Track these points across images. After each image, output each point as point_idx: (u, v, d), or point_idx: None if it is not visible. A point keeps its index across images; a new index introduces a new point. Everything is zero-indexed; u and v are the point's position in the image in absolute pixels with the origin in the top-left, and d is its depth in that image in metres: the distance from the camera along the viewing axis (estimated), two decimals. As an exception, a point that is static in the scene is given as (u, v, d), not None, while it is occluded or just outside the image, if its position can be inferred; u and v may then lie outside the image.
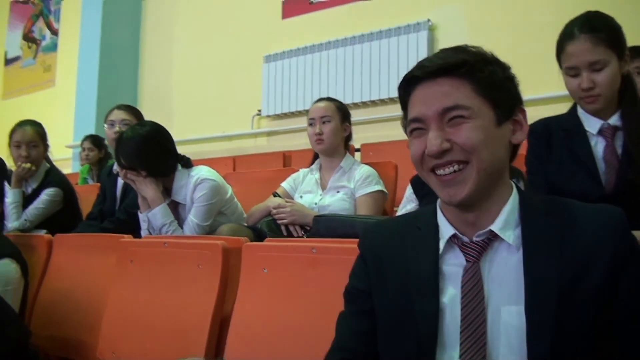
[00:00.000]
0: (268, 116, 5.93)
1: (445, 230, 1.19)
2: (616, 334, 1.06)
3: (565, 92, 2.04)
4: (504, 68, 1.16)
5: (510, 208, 1.15)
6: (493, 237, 1.13)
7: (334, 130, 2.95)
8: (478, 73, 1.11)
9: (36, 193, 3.48)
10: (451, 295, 1.14)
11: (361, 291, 1.26)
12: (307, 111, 3.08)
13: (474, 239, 1.15)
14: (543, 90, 3.98)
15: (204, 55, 6.54)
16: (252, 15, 6.20)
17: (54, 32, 8.44)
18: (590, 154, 2.00)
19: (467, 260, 1.14)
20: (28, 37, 8.84)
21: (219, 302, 1.98)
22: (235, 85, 6.22)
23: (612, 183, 1.94)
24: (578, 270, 1.06)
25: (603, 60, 1.88)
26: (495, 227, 1.13)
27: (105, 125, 3.45)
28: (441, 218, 1.21)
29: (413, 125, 1.15)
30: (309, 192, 3.00)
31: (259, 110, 5.97)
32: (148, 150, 2.72)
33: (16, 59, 9.00)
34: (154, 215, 2.73)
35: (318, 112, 2.97)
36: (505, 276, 1.11)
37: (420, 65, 1.15)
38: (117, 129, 3.31)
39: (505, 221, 1.13)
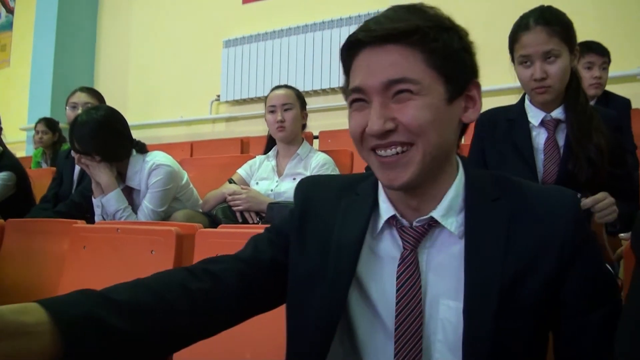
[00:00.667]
0: (227, 102, 5.90)
1: (385, 209, 1.09)
2: (560, 335, 1.03)
3: (516, 84, 2.10)
4: (460, 35, 1.02)
5: (454, 193, 1.05)
6: (434, 223, 1.04)
7: (295, 117, 2.97)
8: (432, 42, 0.97)
9: None
10: (385, 281, 1.07)
11: (280, 231, 1.18)
12: (266, 97, 3.08)
13: (414, 224, 1.05)
14: (494, 81, 4.04)
15: (162, 38, 6.47)
16: (212, -1, 6.15)
17: (9, 11, 8.21)
18: (529, 144, 2.07)
19: (404, 248, 1.06)
20: (-18, 16, 8.60)
21: (171, 288, 1.97)
22: (193, 70, 6.17)
23: (553, 174, 2.01)
24: (525, 262, 0.99)
25: (556, 51, 1.94)
26: (436, 213, 1.03)
27: (67, 108, 3.40)
28: (382, 195, 1.11)
29: (354, 96, 1.02)
30: (265, 178, 3.01)
31: (218, 96, 5.94)
32: (103, 135, 2.70)
33: (-31, 37, 8.76)
34: (107, 201, 2.72)
35: (279, 100, 2.98)
36: (446, 266, 1.04)
37: (366, 28, 1.00)
38: (79, 111, 3.26)
39: (448, 207, 1.04)
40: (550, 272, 0.99)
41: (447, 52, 0.98)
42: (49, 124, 5.38)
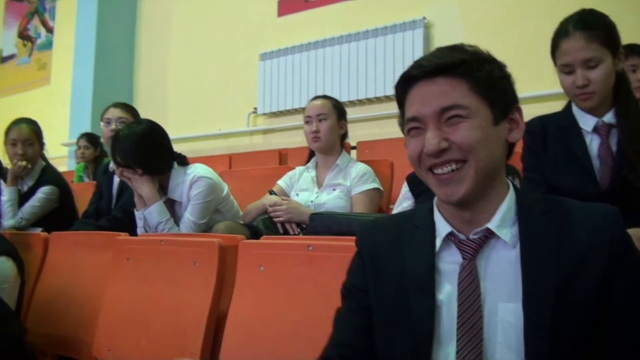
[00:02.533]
0: (264, 114, 5.92)
1: (442, 228, 1.19)
2: (612, 333, 1.07)
3: (560, 89, 2.05)
4: (500, 67, 1.16)
5: (507, 206, 1.15)
6: (489, 234, 1.14)
7: (331, 128, 2.96)
8: (475, 72, 1.11)
9: (32, 191, 3.50)
10: (447, 292, 1.14)
11: (359, 288, 1.25)
12: (303, 109, 3.09)
13: (471, 236, 1.15)
14: (538, 87, 3.99)
15: (199, 53, 6.54)
16: (247, 13, 6.19)
17: (49, 30, 8.41)
18: (586, 151, 2.00)
19: (463, 258, 1.15)
20: (23, 35, 8.81)
21: (215, 300, 1.97)
22: (231, 83, 6.21)
23: (607, 180, 1.95)
24: (574, 269, 1.07)
25: (597, 57, 1.89)
26: (492, 225, 1.13)
27: (102, 123, 3.45)
28: (438, 216, 1.21)
29: (411, 125, 1.15)
30: (305, 189, 3.01)
31: (255, 108, 5.96)
32: (144, 148, 2.73)
33: (11, 57, 8.97)
34: (150, 213, 2.73)
35: (314, 110, 2.98)
36: (502, 273, 1.12)
37: (417, 65, 1.14)
38: (113, 126, 3.32)
39: (502, 219, 1.14)
40: (598, 280, 1.06)
41: (490, 80, 1.12)
42: (91, 139, 5.48)
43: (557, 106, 2.19)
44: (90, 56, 6.85)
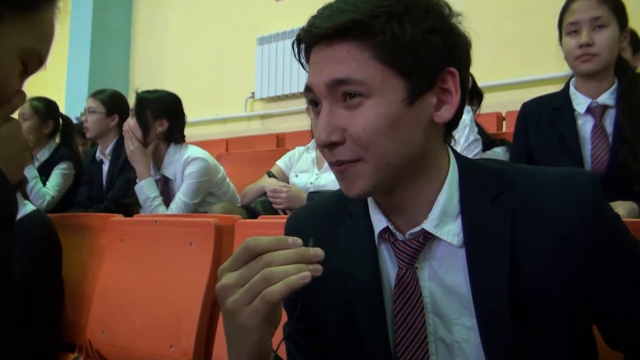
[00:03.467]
0: (261, 99, 5.85)
1: (377, 221, 0.96)
2: (610, 328, 0.92)
3: (564, 72, 2.06)
4: (426, 17, 0.84)
5: (446, 196, 0.91)
6: (429, 235, 0.91)
7: None
8: (378, 34, 0.82)
9: (45, 168, 3.47)
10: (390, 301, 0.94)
11: (298, 304, 0.95)
12: (301, 93, 3.03)
13: (407, 236, 0.92)
14: (542, 70, 3.95)
15: (196, 38, 6.47)
16: (245, -3, 6.12)
17: (45, 15, 8.32)
18: (575, 134, 2.01)
19: (399, 266, 0.92)
20: (18, 20, 8.71)
21: (211, 280, 1.94)
22: (228, 68, 6.15)
23: (603, 163, 1.95)
24: (539, 268, 0.86)
25: (605, 18, 1.92)
26: (428, 224, 0.90)
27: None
28: (372, 204, 0.98)
29: (308, 96, 0.90)
30: (304, 171, 2.95)
31: (252, 93, 5.90)
32: (168, 102, 2.87)
33: (6, 41, 8.88)
34: (140, 188, 2.76)
35: None
36: (451, 280, 0.90)
37: (306, 28, 0.88)
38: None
39: (441, 214, 0.90)
40: (576, 275, 0.86)
41: (400, 43, 0.82)
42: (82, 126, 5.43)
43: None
44: (86, 41, 6.77)
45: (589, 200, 0.87)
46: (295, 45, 0.93)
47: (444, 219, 0.90)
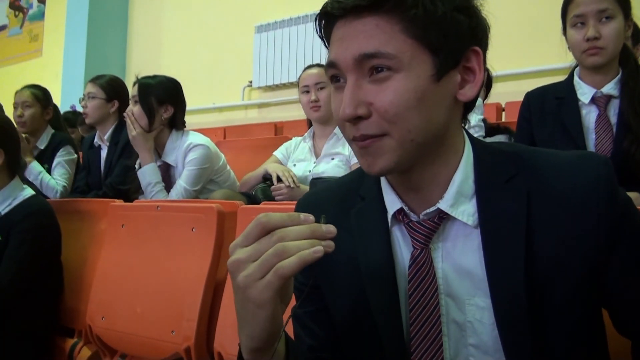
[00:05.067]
0: (259, 87, 5.85)
1: (390, 202, 0.96)
2: (621, 312, 0.93)
3: (564, 63, 2.06)
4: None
5: (462, 176, 0.91)
6: (444, 215, 0.92)
7: (330, 96, 2.88)
8: (411, 9, 0.82)
9: (44, 155, 3.47)
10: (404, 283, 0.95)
11: (309, 286, 0.97)
12: (299, 79, 3.01)
13: (422, 216, 0.93)
14: (542, 62, 3.97)
15: (193, 25, 6.44)
16: (243, -16, 6.09)
17: (41, 1, 8.26)
18: (579, 124, 2.01)
19: (413, 247, 0.93)
20: (14, 6, 8.65)
21: (213, 266, 1.94)
22: (225, 56, 6.13)
23: (607, 153, 1.94)
24: (555, 248, 0.87)
25: (611, 10, 1.91)
26: (444, 203, 0.90)
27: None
28: (385, 186, 0.98)
29: (330, 72, 0.90)
30: (302, 160, 2.95)
31: (250, 82, 5.89)
32: (169, 87, 2.87)
33: (2, 27, 8.82)
34: (142, 173, 2.76)
35: (312, 79, 2.91)
36: (465, 261, 0.91)
37: (334, 0, 0.86)
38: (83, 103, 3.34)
39: (457, 194, 0.90)
40: (589, 256, 0.86)
41: (431, 19, 0.82)
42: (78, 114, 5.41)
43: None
44: (82, 28, 6.75)
45: (602, 182, 0.87)
46: (317, 19, 0.92)
47: (459, 199, 0.91)
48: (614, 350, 0.98)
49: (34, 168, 3.28)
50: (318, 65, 3.02)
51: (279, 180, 2.66)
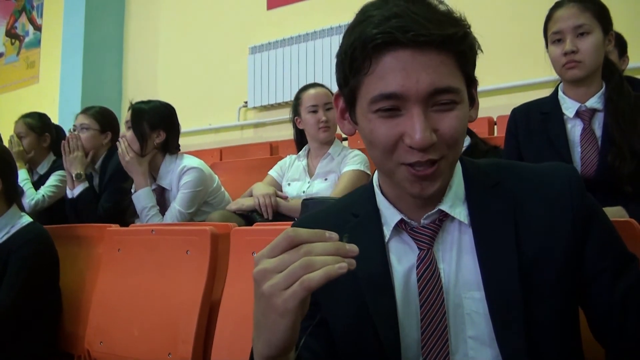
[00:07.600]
0: (254, 108, 5.88)
1: (390, 215, 1.04)
2: (594, 298, 0.98)
3: (555, 76, 2.09)
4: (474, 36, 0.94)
5: (457, 182, 1.03)
6: (443, 217, 1.01)
7: (335, 118, 2.89)
8: (467, 49, 0.91)
9: (43, 180, 3.47)
10: (405, 288, 1.01)
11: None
12: (297, 98, 3.00)
13: (422, 221, 1.01)
14: (533, 75, 4.01)
15: (188, 48, 6.49)
16: (236, 6, 6.14)
17: (37, 28, 8.31)
18: (565, 139, 2.04)
19: (419, 248, 1.01)
20: (11, 34, 8.71)
21: (208, 287, 1.96)
22: (220, 77, 6.17)
23: (593, 165, 1.97)
24: (537, 244, 0.96)
25: (588, 25, 1.95)
26: (444, 205, 1.00)
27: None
28: (382, 202, 1.06)
29: (383, 104, 0.90)
30: (296, 179, 2.96)
31: (245, 102, 5.92)
32: (163, 112, 2.90)
33: (-1, 55, 8.89)
34: (137, 197, 2.79)
35: (321, 99, 2.88)
36: (461, 258, 1.00)
37: (401, 26, 0.86)
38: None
39: (454, 197, 1.01)
40: (568, 243, 0.96)
41: (472, 55, 0.94)
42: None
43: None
44: (78, 53, 6.78)
45: (573, 183, 1.00)
46: (368, 44, 0.89)
47: (455, 201, 1.01)
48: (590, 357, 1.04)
49: (20, 175, 3.26)
50: (320, 85, 3.01)
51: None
